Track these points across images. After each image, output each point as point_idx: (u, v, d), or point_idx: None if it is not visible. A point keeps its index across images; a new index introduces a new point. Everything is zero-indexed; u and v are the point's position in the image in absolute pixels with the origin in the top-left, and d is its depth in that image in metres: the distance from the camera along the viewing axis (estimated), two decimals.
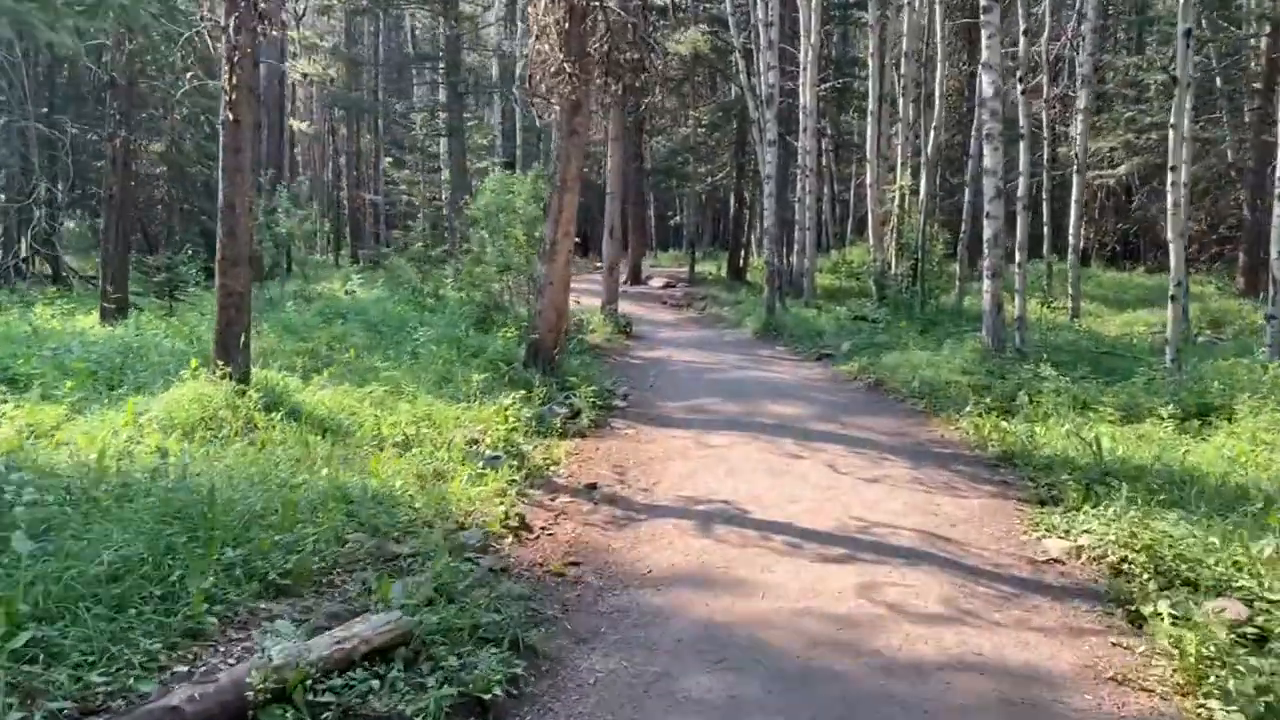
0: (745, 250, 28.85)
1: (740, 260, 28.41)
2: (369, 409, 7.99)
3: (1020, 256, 12.77)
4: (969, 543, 5.77)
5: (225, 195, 8.07)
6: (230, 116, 7.96)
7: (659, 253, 39.74)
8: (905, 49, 19.06)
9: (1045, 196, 17.98)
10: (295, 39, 24.53)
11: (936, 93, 17.95)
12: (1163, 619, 4.30)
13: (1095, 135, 20.79)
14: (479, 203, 14.23)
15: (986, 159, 11.56)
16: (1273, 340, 10.44)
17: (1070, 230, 17.90)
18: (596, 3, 9.02)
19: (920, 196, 18.08)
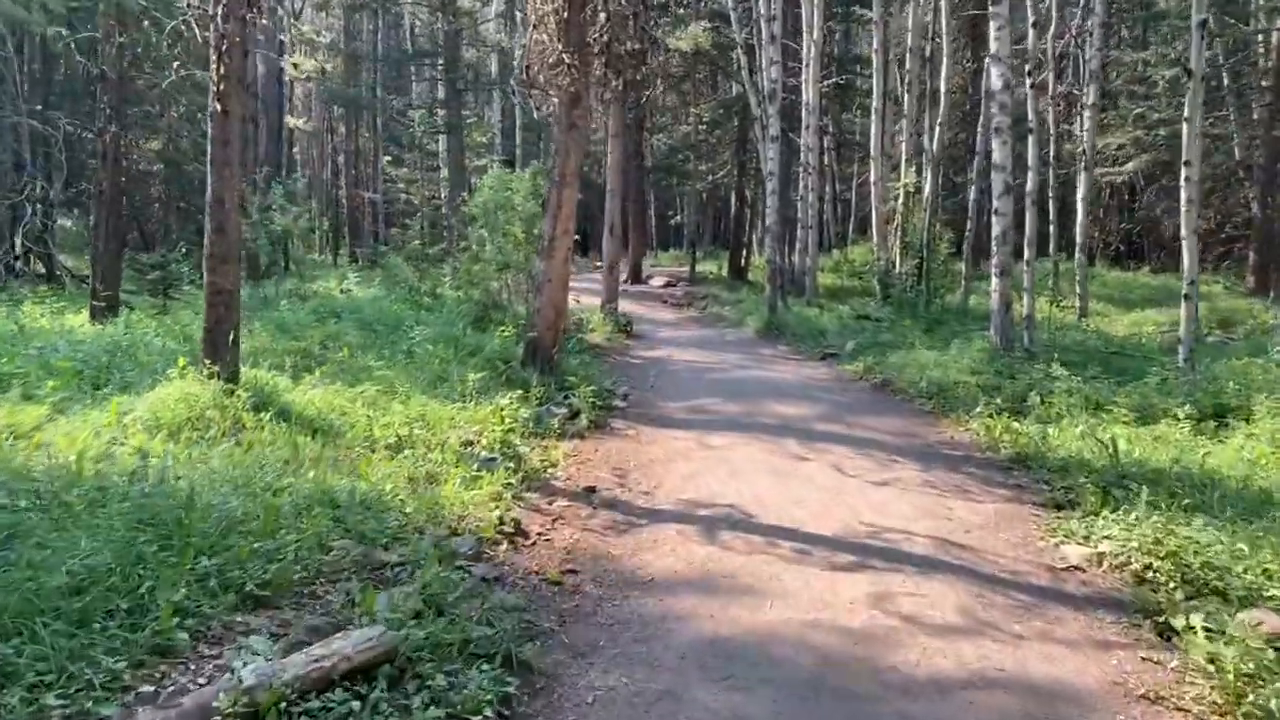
0: (746, 249, 28.62)
1: (741, 259, 28.18)
2: (361, 409, 7.75)
3: (1029, 254, 12.52)
4: (984, 549, 5.52)
5: (214, 189, 7.83)
6: (218, 108, 7.71)
7: (659, 252, 39.50)
8: (910, 45, 18.82)
9: (1051, 194, 17.72)
10: (292, 35, 24.29)
11: (941, 89, 17.69)
12: (1196, 633, 4.06)
13: (1102, 132, 20.52)
14: (477, 200, 13.99)
15: (995, 154, 11.30)
16: None
17: (1077, 228, 17.65)
18: None
19: (925, 194, 17.84)
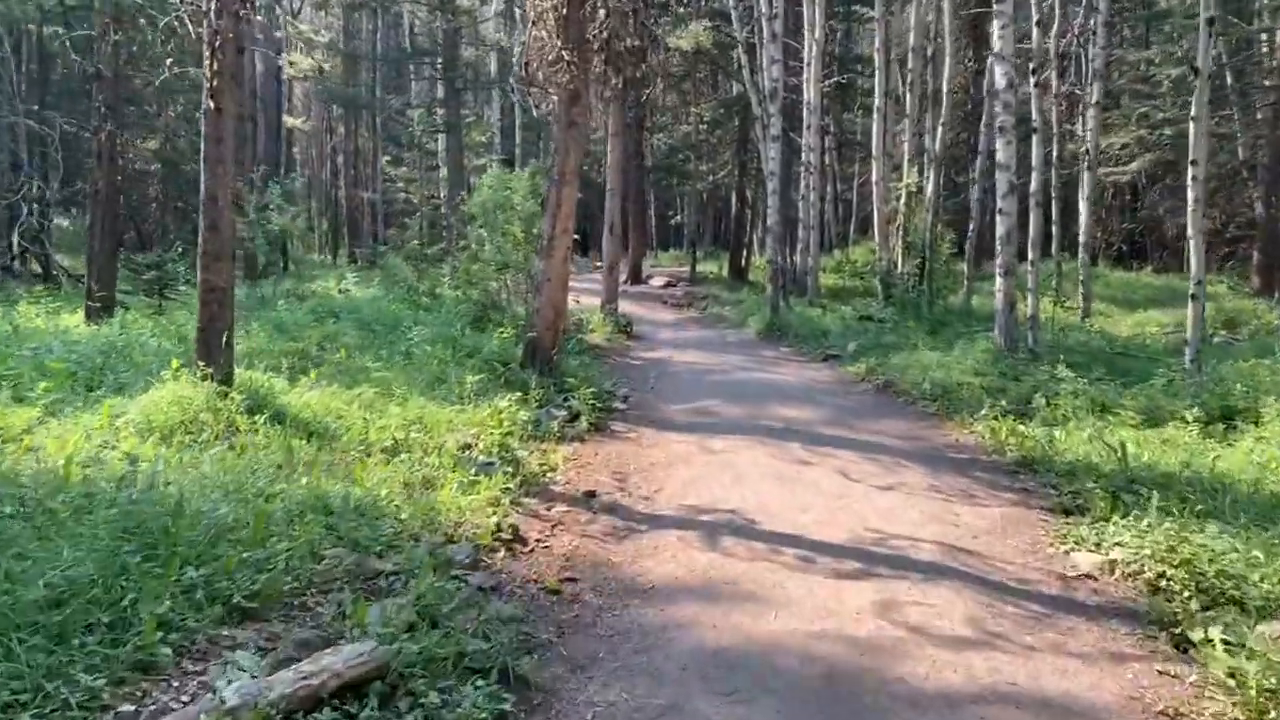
0: (747, 249, 28.48)
1: (742, 259, 28.04)
2: (357, 412, 7.63)
3: (1033, 254, 12.40)
4: (993, 556, 5.40)
5: (207, 187, 7.72)
6: (212, 105, 7.60)
7: (660, 252, 39.35)
8: (912, 44, 18.68)
9: (1054, 194, 17.60)
10: (289, 33, 24.19)
11: (944, 88, 17.56)
12: (1215, 646, 3.93)
13: (1105, 131, 20.39)
14: (476, 199, 13.86)
15: (999, 153, 11.18)
16: None
17: (1081, 228, 17.52)
18: None
19: (927, 194, 17.71)
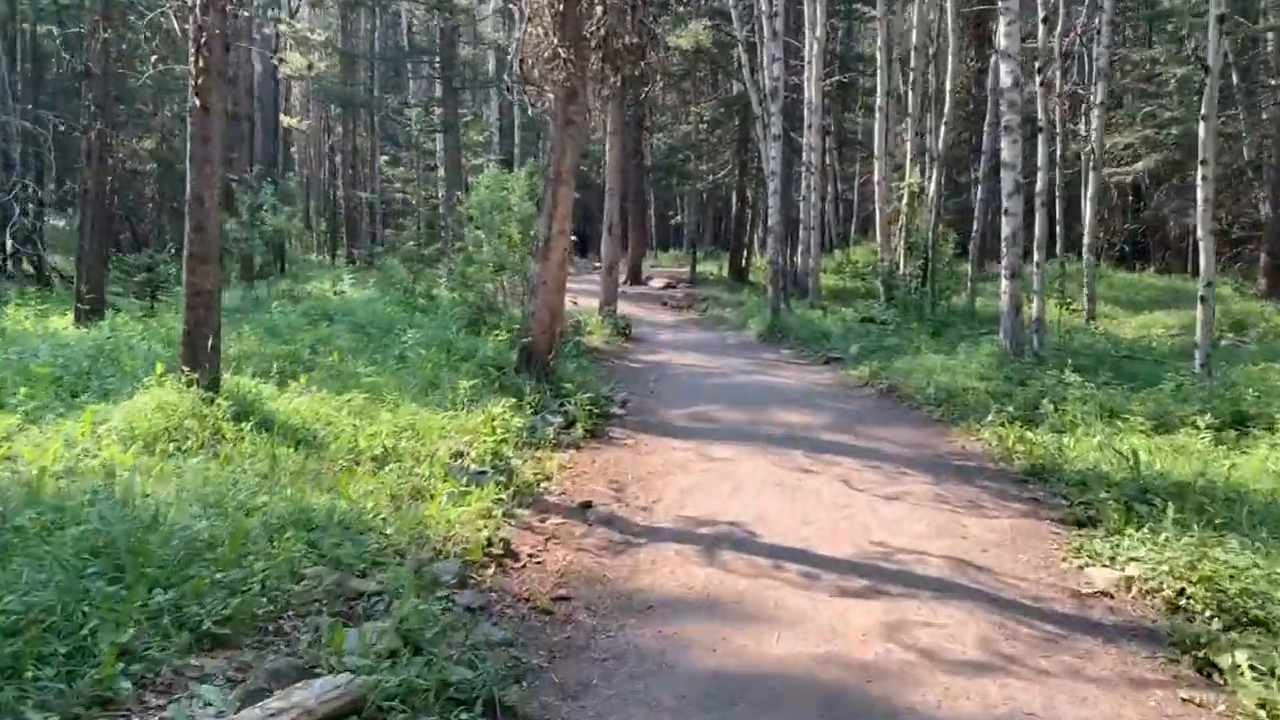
0: (747, 250, 28.28)
1: (742, 260, 27.84)
2: (347, 418, 7.42)
3: (1038, 256, 12.19)
4: (1003, 571, 5.19)
5: (193, 187, 7.52)
6: (198, 103, 7.39)
7: (659, 253, 39.14)
8: (914, 42, 18.47)
9: (1057, 194, 17.38)
10: (282, 31, 23.97)
11: (947, 86, 17.34)
12: (1243, 673, 3.72)
13: (1110, 131, 20.18)
14: (472, 199, 13.66)
15: (1005, 152, 10.96)
16: None
17: (1085, 229, 17.31)
18: None
19: (929, 194, 17.50)
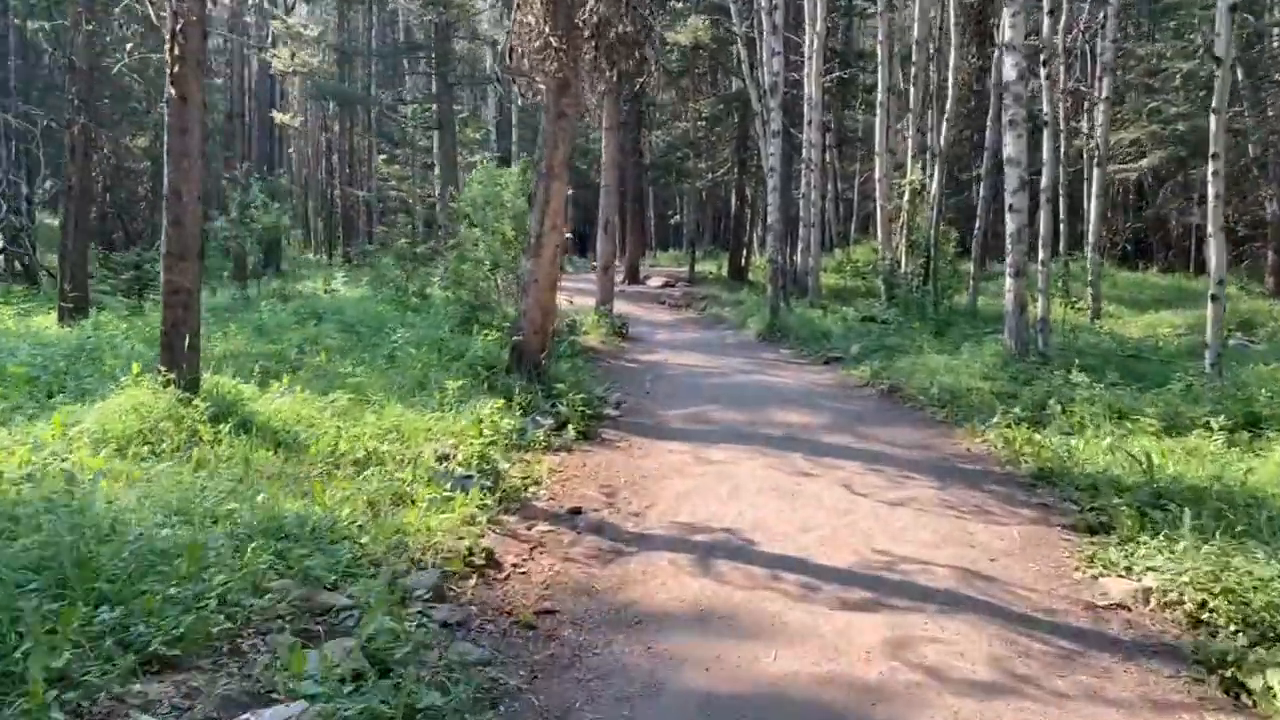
0: (746, 249, 28.04)
1: (741, 259, 27.59)
2: (330, 420, 7.16)
3: (1044, 253, 11.92)
4: (1013, 582, 4.92)
5: (171, 182, 7.26)
6: (174, 93, 7.12)
7: (659, 252, 38.90)
8: (916, 37, 18.20)
9: (1061, 192, 17.13)
10: (278, 28, 23.71)
11: (949, 82, 17.08)
12: (1276, 696, 3.46)
13: (1114, 128, 19.91)
14: (466, 196, 13.40)
15: (1009, 148, 10.69)
16: None
17: (1090, 227, 17.05)
18: None
19: (931, 192, 17.23)
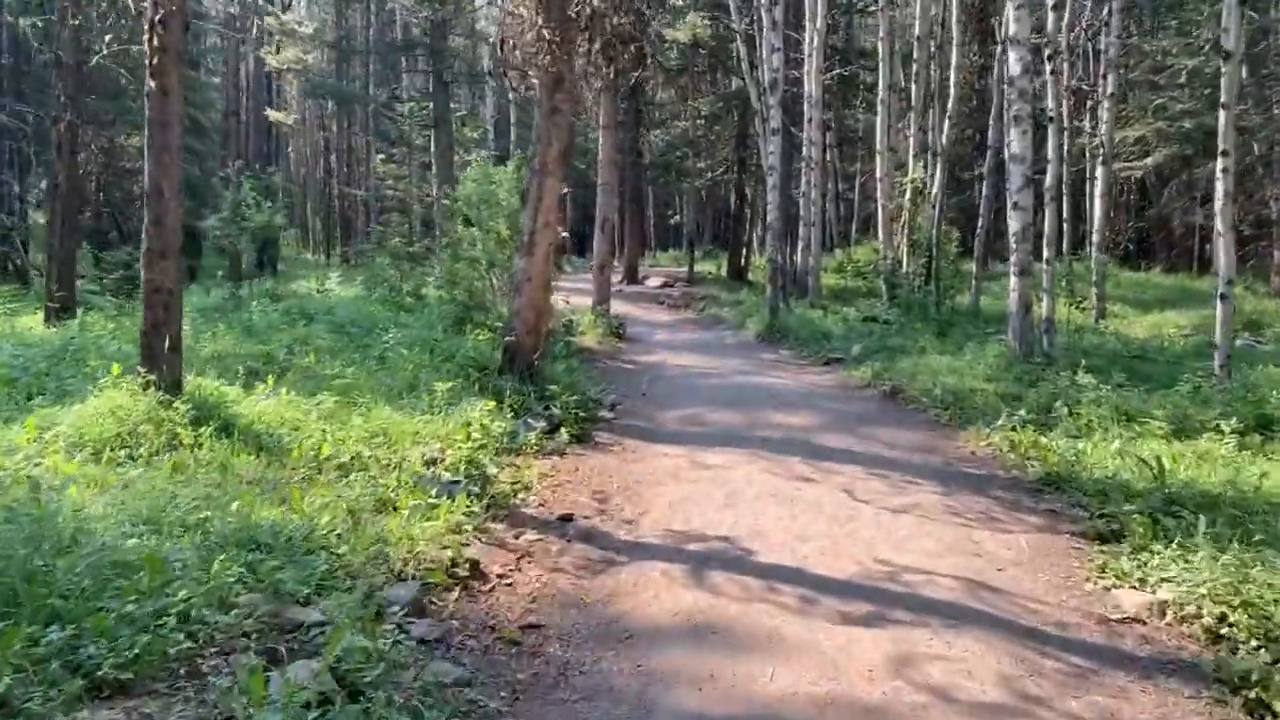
0: (746, 249, 27.84)
1: (741, 259, 27.38)
2: (316, 422, 6.95)
3: (1049, 253, 11.70)
4: (1022, 594, 4.70)
5: (152, 177, 7.06)
6: (154, 85, 6.92)
7: (659, 252, 38.66)
8: (917, 33, 17.98)
9: (1065, 190, 16.91)
10: (272, 25, 23.51)
11: (951, 80, 16.85)
12: None
13: (1120, 125, 19.68)
14: (460, 194, 13.19)
15: (1014, 144, 10.47)
16: None
17: (1094, 226, 16.83)
18: None
19: (932, 190, 17.01)
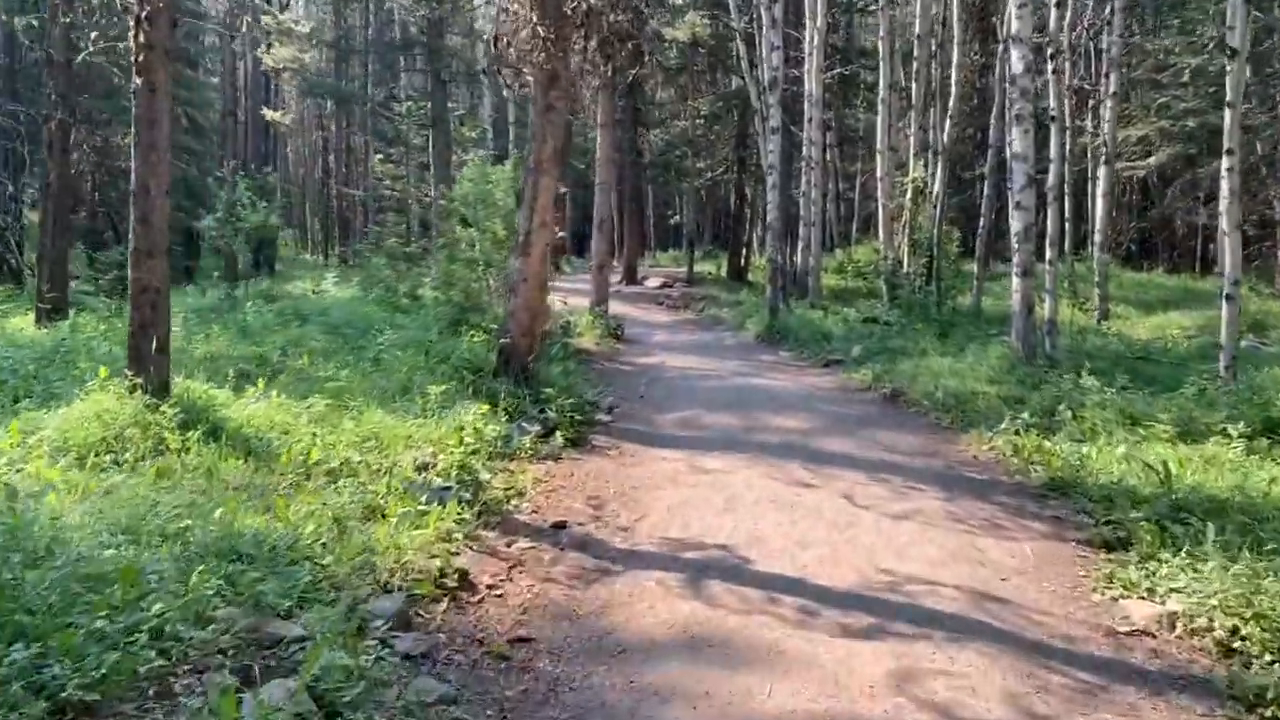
0: (746, 249, 27.73)
1: (741, 259, 27.27)
2: (306, 426, 6.82)
3: (1051, 253, 11.56)
4: (1027, 605, 4.57)
5: (139, 176, 6.93)
6: (141, 83, 6.79)
7: (659, 253, 38.51)
8: (918, 31, 17.84)
9: (1067, 190, 16.77)
10: (270, 23, 23.38)
11: (952, 78, 16.71)
12: None
13: (1122, 124, 19.55)
14: (456, 194, 13.06)
15: (1016, 143, 10.34)
16: None
17: (1097, 226, 16.69)
18: None
19: (933, 190, 16.87)
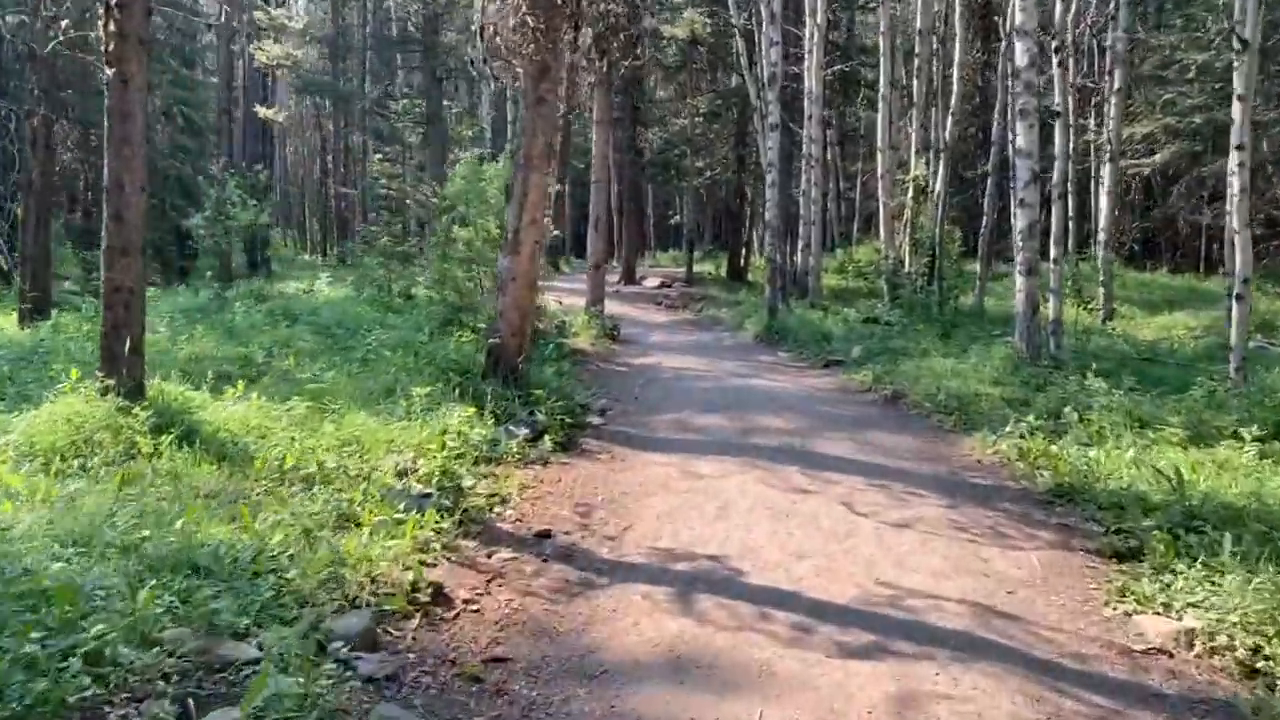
0: (746, 249, 27.52)
1: (740, 259, 27.06)
2: (285, 430, 6.58)
3: (1055, 251, 11.31)
4: (1036, 620, 4.31)
5: (112, 171, 6.70)
6: (113, 74, 6.55)
7: (658, 252, 38.29)
8: (919, 27, 17.59)
9: (1070, 188, 16.53)
10: (263, 20, 23.15)
11: (954, 75, 16.46)
12: None
13: (1127, 121, 19.28)
14: (449, 191, 12.82)
15: (1020, 139, 10.09)
16: None
17: (1101, 224, 16.44)
18: None
19: (935, 188, 16.62)
